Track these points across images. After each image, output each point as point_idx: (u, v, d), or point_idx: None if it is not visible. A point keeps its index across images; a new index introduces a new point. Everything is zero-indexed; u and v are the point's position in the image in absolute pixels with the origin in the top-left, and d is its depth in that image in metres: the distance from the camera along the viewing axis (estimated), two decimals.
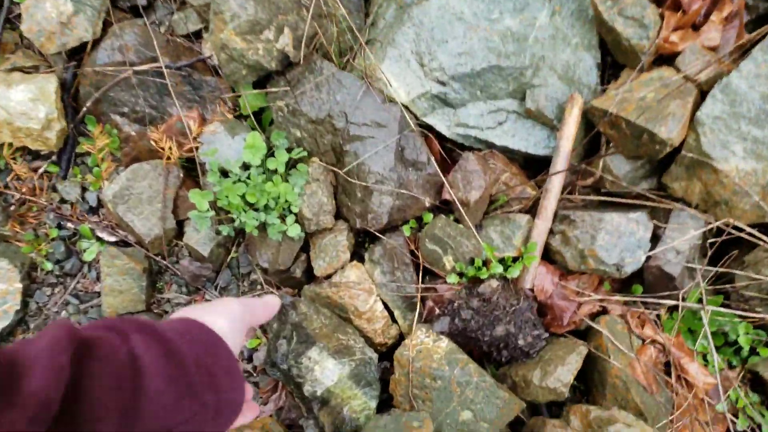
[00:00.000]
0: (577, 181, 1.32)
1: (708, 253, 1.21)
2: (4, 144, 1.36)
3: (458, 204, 1.26)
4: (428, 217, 1.32)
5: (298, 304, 1.27)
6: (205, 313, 0.55)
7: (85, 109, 1.35)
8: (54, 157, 1.41)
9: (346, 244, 1.31)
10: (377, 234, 1.30)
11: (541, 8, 1.24)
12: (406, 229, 1.32)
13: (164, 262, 1.37)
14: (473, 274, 1.27)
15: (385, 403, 1.27)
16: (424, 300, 1.31)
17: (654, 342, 1.27)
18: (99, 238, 1.39)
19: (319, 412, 1.16)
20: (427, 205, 1.30)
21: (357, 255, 1.37)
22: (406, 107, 1.28)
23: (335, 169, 1.29)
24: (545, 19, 1.24)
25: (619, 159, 1.25)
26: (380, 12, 1.33)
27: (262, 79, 1.33)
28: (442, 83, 1.26)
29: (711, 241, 1.19)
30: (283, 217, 1.30)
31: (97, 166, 1.38)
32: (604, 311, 1.31)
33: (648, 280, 1.26)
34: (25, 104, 1.29)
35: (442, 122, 1.30)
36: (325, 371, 1.17)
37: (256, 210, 1.28)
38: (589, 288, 1.30)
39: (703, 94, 1.17)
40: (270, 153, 1.29)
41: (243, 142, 1.29)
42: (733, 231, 1.16)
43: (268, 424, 1.23)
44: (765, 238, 1.14)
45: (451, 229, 1.27)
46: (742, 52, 1.15)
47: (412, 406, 1.19)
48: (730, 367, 1.34)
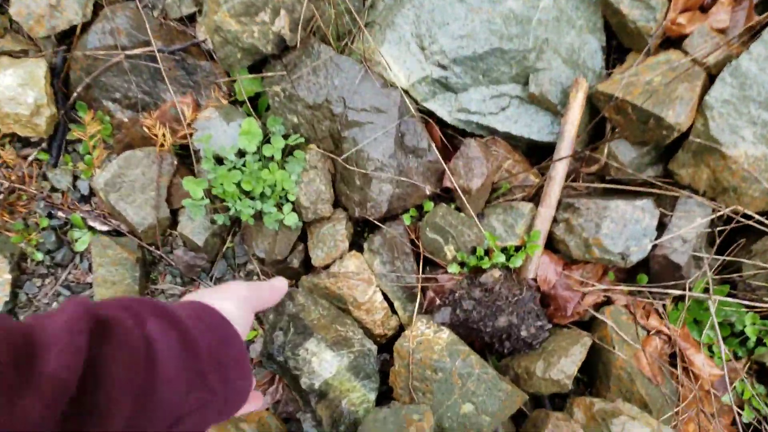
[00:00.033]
0: (581, 169, 1.28)
1: (716, 242, 1.18)
2: None
3: (460, 192, 1.23)
4: (429, 205, 1.29)
5: (296, 295, 1.23)
6: (213, 296, 0.55)
7: (75, 94, 1.32)
8: (44, 145, 1.37)
9: (345, 234, 1.28)
10: (377, 223, 1.27)
11: None
12: (407, 218, 1.29)
13: (158, 252, 1.34)
14: (475, 263, 1.24)
15: (385, 396, 1.24)
16: (424, 290, 1.28)
17: (659, 333, 1.24)
18: (91, 228, 1.35)
19: (316, 405, 1.13)
20: (428, 193, 1.27)
21: (356, 245, 1.33)
22: (406, 92, 1.24)
23: (333, 156, 1.26)
24: (549, 1, 1.20)
25: (624, 145, 1.21)
26: None
27: (258, 64, 1.29)
28: (443, 67, 1.22)
29: (719, 229, 1.16)
30: (279, 206, 1.27)
31: (89, 154, 1.34)
32: (609, 302, 1.28)
33: (654, 270, 1.23)
34: (14, 89, 1.25)
35: (443, 108, 1.26)
36: (323, 363, 1.14)
37: (252, 198, 1.25)
38: (593, 278, 1.27)
39: (711, 78, 1.13)
40: (266, 139, 1.25)
41: (238, 129, 1.25)
42: (741, 219, 1.13)
43: (264, 417, 1.20)
44: None
45: (452, 218, 1.24)
46: (752, 35, 1.12)
47: (413, 398, 1.16)
48: (736, 358, 1.31)
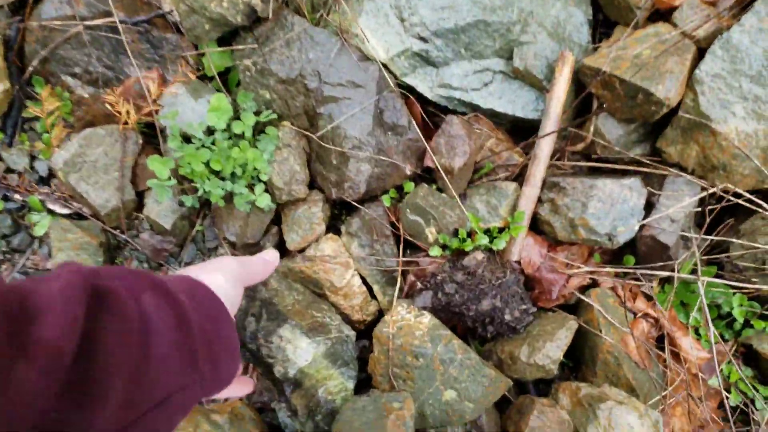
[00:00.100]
0: (566, 147, 1.24)
1: (706, 221, 1.14)
2: None
3: (441, 171, 1.18)
4: (409, 186, 1.23)
5: (269, 280, 1.17)
6: (202, 271, 0.55)
7: (31, 68, 1.22)
8: None
9: (321, 216, 1.22)
10: (355, 204, 1.21)
11: None
12: (386, 199, 1.23)
13: (123, 236, 1.26)
14: (457, 246, 1.19)
15: (364, 384, 1.19)
16: (405, 274, 1.23)
17: (646, 316, 1.21)
18: (50, 211, 1.27)
19: (291, 395, 1.07)
20: (408, 172, 1.21)
21: (333, 227, 1.27)
22: (385, 66, 1.18)
23: (308, 133, 1.19)
24: None
25: (611, 122, 1.17)
26: None
27: (228, 36, 1.21)
28: (424, 39, 1.16)
29: (710, 208, 1.13)
30: (251, 186, 1.20)
31: (47, 132, 1.25)
32: (595, 284, 1.24)
33: (641, 251, 1.19)
34: None
35: (424, 83, 1.20)
36: (297, 351, 1.08)
37: (222, 179, 1.18)
38: (579, 260, 1.23)
39: (701, 52, 1.09)
40: (237, 116, 1.18)
41: (207, 105, 1.18)
42: (732, 198, 1.10)
43: (237, 407, 1.14)
44: (765, 204, 1.08)
45: (433, 199, 1.18)
46: (743, 6, 1.08)
47: (393, 386, 1.11)
48: (723, 340, 1.29)
